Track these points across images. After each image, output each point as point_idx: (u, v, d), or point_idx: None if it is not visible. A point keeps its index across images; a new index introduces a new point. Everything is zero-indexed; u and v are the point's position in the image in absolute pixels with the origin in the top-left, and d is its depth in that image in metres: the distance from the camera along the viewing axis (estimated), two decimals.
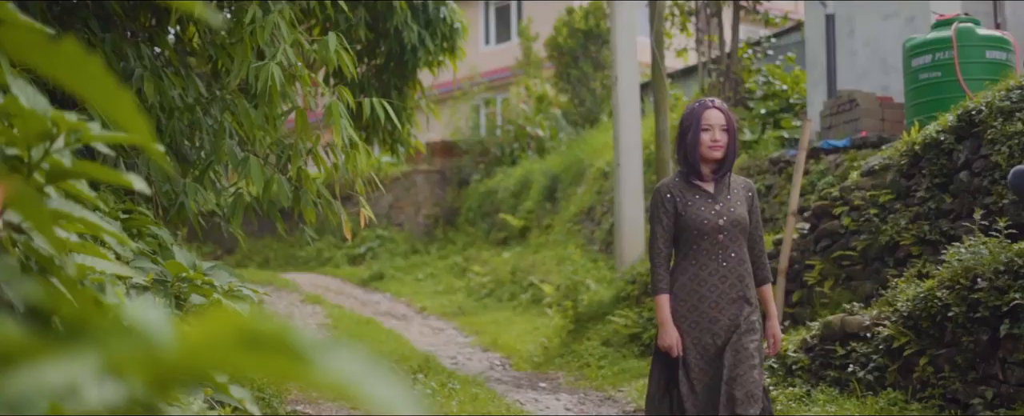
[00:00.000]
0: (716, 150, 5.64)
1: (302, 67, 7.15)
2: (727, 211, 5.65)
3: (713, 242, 5.60)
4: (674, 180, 5.78)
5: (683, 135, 5.73)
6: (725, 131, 5.66)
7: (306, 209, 7.22)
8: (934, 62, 12.28)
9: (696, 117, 5.66)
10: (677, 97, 20.74)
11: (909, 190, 10.51)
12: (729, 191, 5.73)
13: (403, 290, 21.28)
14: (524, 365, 13.24)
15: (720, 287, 5.61)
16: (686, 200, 5.64)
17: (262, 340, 0.87)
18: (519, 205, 23.84)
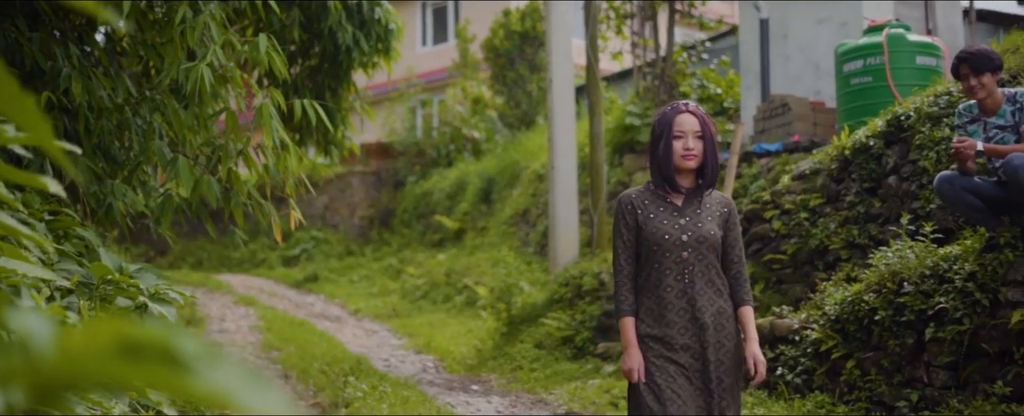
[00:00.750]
0: (689, 159, 5.05)
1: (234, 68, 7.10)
2: (693, 226, 5.05)
3: (676, 260, 5.02)
4: (640, 190, 5.24)
5: (655, 143, 5.15)
6: (699, 138, 5.08)
7: (236, 211, 7.16)
8: (865, 67, 12.40)
9: (667, 123, 5.11)
10: (612, 100, 20.81)
11: (839, 194, 10.61)
12: (700, 206, 5.13)
13: (337, 292, 21.20)
14: (457, 367, 13.23)
15: (688, 310, 5.02)
16: (648, 212, 5.11)
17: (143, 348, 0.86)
18: (454, 207, 23.83)
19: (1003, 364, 7.46)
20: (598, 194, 15.21)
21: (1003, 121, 7.53)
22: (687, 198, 5.14)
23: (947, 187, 7.58)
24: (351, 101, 10.95)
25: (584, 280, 13.70)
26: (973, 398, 7.50)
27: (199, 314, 16.22)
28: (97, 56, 7.38)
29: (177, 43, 6.58)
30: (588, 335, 13.03)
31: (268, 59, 6.79)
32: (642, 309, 5.09)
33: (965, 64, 7.56)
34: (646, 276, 5.10)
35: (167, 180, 7.20)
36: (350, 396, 9.92)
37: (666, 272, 5.03)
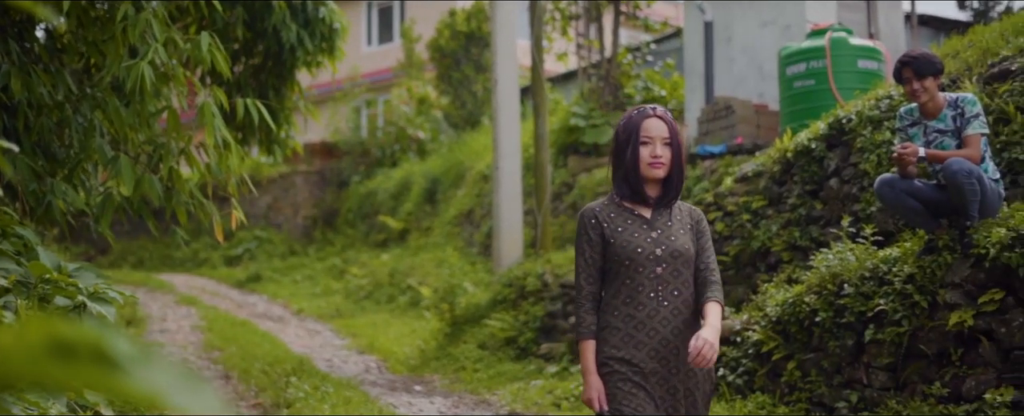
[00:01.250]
0: (657, 167, 4.67)
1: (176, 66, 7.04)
2: (666, 239, 4.67)
3: (650, 276, 4.62)
4: (603, 204, 4.83)
5: (620, 151, 4.76)
6: (667, 144, 4.70)
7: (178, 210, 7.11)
8: (808, 70, 12.49)
9: (633, 128, 4.71)
10: (557, 101, 20.86)
11: (781, 196, 10.69)
12: (670, 218, 4.76)
13: (280, 292, 21.09)
14: (400, 368, 13.21)
15: (661, 332, 4.61)
16: (615, 226, 4.71)
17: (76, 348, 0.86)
18: (399, 207, 23.79)
19: (941, 365, 7.54)
20: (542, 195, 15.23)
21: (943, 125, 7.62)
22: (656, 210, 4.76)
23: (887, 190, 7.66)
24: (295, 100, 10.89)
25: (528, 281, 13.72)
26: (911, 399, 7.58)
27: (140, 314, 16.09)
28: (37, 52, 7.29)
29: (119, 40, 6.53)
30: (531, 336, 13.05)
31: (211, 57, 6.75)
32: (608, 330, 4.65)
33: (908, 68, 7.63)
34: (614, 293, 4.67)
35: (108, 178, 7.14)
36: (292, 396, 9.87)
37: (639, 289, 4.62)
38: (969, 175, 7.22)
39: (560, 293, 13.15)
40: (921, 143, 7.71)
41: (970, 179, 7.23)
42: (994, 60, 9.15)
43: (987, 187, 7.35)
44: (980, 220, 7.44)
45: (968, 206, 7.31)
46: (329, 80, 13.07)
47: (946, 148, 7.58)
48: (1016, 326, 6.98)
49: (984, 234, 7.27)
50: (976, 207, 7.35)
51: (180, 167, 7.23)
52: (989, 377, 7.11)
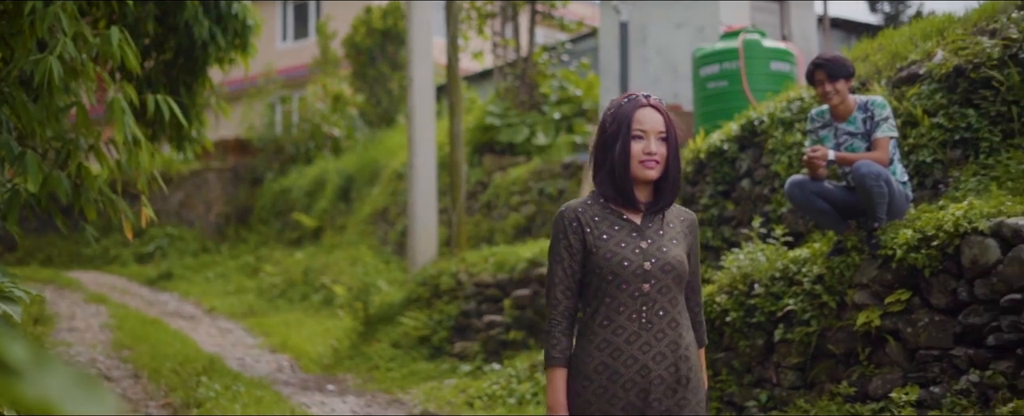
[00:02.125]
0: (650, 167, 3.96)
1: (86, 61, 6.94)
2: (657, 251, 3.97)
3: (635, 294, 3.92)
4: (586, 204, 4.08)
5: (606, 144, 4.06)
6: (663, 140, 4.00)
7: (87, 207, 7.00)
8: (721, 72, 12.58)
9: (624, 119, 4.00)
10: (473, 100, 20.86)
11: (694, 197, 10.77)
12: (663, 225, 4.06)
13: (192, 290, 20.86)
14: (313, 367, 13.13)
15: (640, 360, 3.92)
16: (600, 231, 4.00)
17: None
18: (313, 205, 23.65)
19: (848, 365, 7.64)
20: (457, 194, 15.22)
21: (854, 127, 7.72)
22: (646, 215, 4.05)
23: (797, 191, 7.75)
24: (207, 97, 10.78)
25: (442, 280, 13.70)
26: (819, 398, 7.67)
27: (48, 312, 15.82)
28: None
29: (26, 34, 6.41)
30: (445, 335, 13.04)
31: (121, 52, 6.65)
32: (584, 356, 3.95)
33: (821, 70, 7.73)
34: (592, 313, 3.98)
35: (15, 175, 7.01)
36: (202, 396, 9.77)
37: (619, 309, 3.92)
38: (877, 178, 7.33)
39: (474, 292, 13.15)
40: (831, 145, 7.82)
41: (878, 182, 7.35)
42: (903, 64, 9.29)
43: (895, 190, 7.47)
44: (888, 222, 7.56)
45: (876, 208, 7.42)
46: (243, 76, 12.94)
47: (856, 150, 7.69)
48: (922, 326, 7.09)
49: (891, 235, 7.38)
50: (884, 209, 7.46)
51: (89, 163, 7.12)
52: (895, 376, 7.22)
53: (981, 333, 6.75)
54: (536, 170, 16.41)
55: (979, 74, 8.36)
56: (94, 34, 6.97)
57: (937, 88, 8.63)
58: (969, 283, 6.91)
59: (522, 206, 16.21)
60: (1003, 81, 8.21)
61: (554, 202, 15.45)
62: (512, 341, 12.14)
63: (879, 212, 7.45)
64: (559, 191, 15.45)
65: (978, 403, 6.55)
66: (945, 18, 9.86)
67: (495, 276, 13.09)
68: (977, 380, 6.62)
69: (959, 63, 8.57)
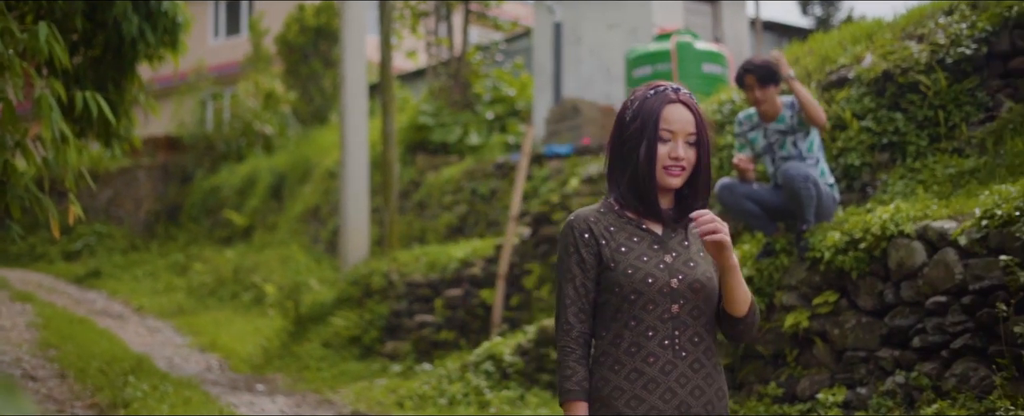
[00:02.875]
0: (674, 174, 3.38)
1: (12, 56, 6.84)
2: (683, 267, 3.39)
3: (664, 316, 3.34)
4: (599, 211, 3.51)
5: (626, 143, 3.45)
6: (692, 143, 3.41)
7: (13, 204, 6.91)
8: (654, 73, 12.65)
9: (650, 117, 3.39)
10: (406, 99, 20.81)
11: None
12: (687, 236, 3.47)
13: (120, 288, 20.62)
14: (242, 367, 13.03)
15: (678, 394, 3.34)
16: (618, 244, 3.42)
17: None
18: (244, 203, 23.46)
19: (776, 366, 7.71)
20: (390, 193, 15.17)
21: (783, 126, 7.81)
22: (667, 225, 3.47)
23: (727, 194, 7.81)
24: (135, 94, 10.66)
25: (374, 279, 13.66)
26: (747, 399, 7.73)
27: None
28: None
29: None
30: (376, 335, 12.99)
31: (49, 48, 6.57)
32: (608, 389, 3.36)
33: (751, 75, 7.79)
34: (614, 340, 3.39)
35: None
36: (130, 396, 9.65)
37: (648, 334, 3.34)
38: (805, 180, 7.42)
39: (406, 292, 13.11)
40: (763, 144, 7.90)
41: (806, 184, 7.43)
42: (832, 68, 9.38)
43: (822, 191, 7.56)
44: (816, 223, 7.63)
45: (804, 210, 7.50)
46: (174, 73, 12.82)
47: (786, 147, 7.79)
48: (849, 328, 7.17)
49: (819, 238, 7.45)
50: (812, 211, 7.54)
51: (16, 160, 7.02)
52: (822, 377, 7.29)
53: (907, 335, 6.83)
54: (469, 170, 16.40)
55: (907, 78, 8.46)
56: (21, 29, 6.88)
57: (866, 92, 8.73)
58: (895, 285, 6.99)
59: (455, 206, 16.20)
60: (930, 86, 8.32)
61: (486, 202, 15.44)
62: (443, 341, 12.12)
63: (807, 214, 7.53)
64: (492, 191, 15.45)
65: (903, 404, 6.63)
66: (874, 23, 9.98)
67: (427, 276, 13.07)
68: (902, 381, 6.70)
69: (887, 67, 8.67)
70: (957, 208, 6.97)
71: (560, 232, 3.52)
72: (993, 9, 8.31)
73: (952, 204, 7.09)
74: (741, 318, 3.44)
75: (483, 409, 9.56)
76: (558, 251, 3.51)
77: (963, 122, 8.18)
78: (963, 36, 8.37)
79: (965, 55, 8.23)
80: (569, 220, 3.49)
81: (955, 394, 6.27)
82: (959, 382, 6.32)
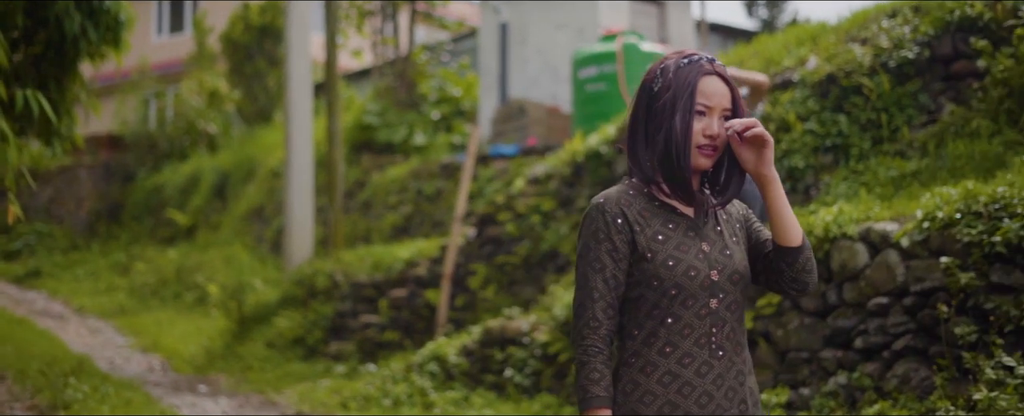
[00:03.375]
0: (707, 153, 3.08)
1: None
2: (721, 256, 3.11)
3: (702, 313, 3.04)
4: (628, 194, 3.12)
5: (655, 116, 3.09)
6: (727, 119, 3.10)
7: None
8: (600, 74, 12.69)
9: (685, 88, 3.05)
10: (351, 99, 20.73)
11: (571, 199, 10.82)
12: (718, 222, 3.18)
13: (61, 288, 20.40)
14: (185, 367, 12.93)
15: (715, 397, 3.05)
16: (654, 231, 3.07)
17: None
18: (187, 202, 23.27)
19: None
20: (334, 192, 15.10)
21: None
22: (698, 208, 3.16)
23: None
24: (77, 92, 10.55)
25: (318, 279, 13.60)
26: None
27: None
28: None
29: None
30: (320, 335, 12.93)
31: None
32: (639, 393, 3.03)
33: None
34: (646, 338, 3.05)
35: None
36: (70, 398, 9.55)
37: (684, 332, 3.03)
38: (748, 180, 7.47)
39: (350, 292, 13.06)
40: None
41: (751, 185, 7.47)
42: (777, 70, 9.44)
43: None
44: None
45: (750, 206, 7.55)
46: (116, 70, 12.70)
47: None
48: (792, 329, 7.21)
49: None
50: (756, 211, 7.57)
51: None
52: (766, 378, 7.32)
53: (849, 336, 6.88)
54: (414, 170, 16.36)
55: (850, 81, 8.53)
56: None
57: (810, 94, 8.80)
58: (838, 287, 7.03)
59: (400, 206, 16.15)
60: (873, 89, 8.39)
61: (432, 202, 15.41)
62: (388, 342, 12.08)
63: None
64: (437, 191, 15.42)
65: (845, 404, 6.68)
66: (819, 26, 10.06)
67: (372, 276, 13.02)
68: (845, 382, 6.74)
69: (831, 70, 8.74)
70: (899, 210, 7.02)
71: (585, 216, 3.12)
72: (935, 13, 8.39)
73: (894, 206, 7.15)
74: (799, 247, 3.12)
75: (428, 410, 9.53)
76: (583, 237, 3.10)
77: (905, 125, 8.26)
78: (906, 40, 8.45)
79: (908, 58, 8.31)
80: (598, 203, 3.10)
81: (896, 394, 6.32)
82: (900, 383, 6.37)
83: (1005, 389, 5.42)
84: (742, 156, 3.07)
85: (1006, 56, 7.52)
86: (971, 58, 8.03)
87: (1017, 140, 7.27)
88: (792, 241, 3.11)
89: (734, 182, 3.17)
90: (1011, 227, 5.78)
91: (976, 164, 7.25)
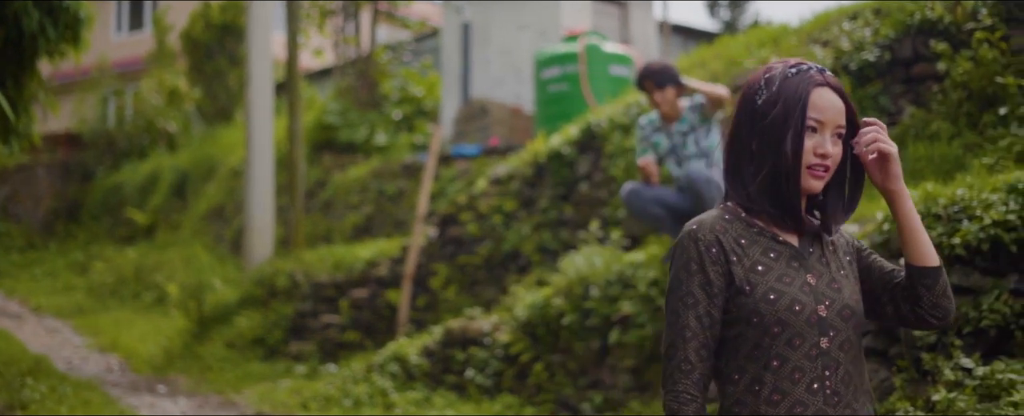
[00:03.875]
0: (818, 175, 2.73)
1: None
2: (829, 289, 2.74)
3: (812, 354, 2.67)
4: (723, 220, 2.83)
5: (766, 133, 2.75)
6: (840, 136, 2.76)
7: None
8: (562, 75, 12.70)
9: (796, 101, 2.71)
10: (313, 98, 20.66)
11: (533, 199, 10.82)
12: (823, 251, 2.81)
13: (18, 287, 20.22)
14: (144, 368, 12.84)
15: None
16: (753, 260, 2.75)
17: None
18: (147, 201, 23.12)
19: None
20: (295, 192, 15.04)
21: (686, 126, 7.95)
22: (803, 236, 2.81)
23: (635, 199, 7.87)
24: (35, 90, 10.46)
25: (278, 279, 13.54)
26: (653, 400, 7.77)
27: None
28: None
29: None
30: (281, 335, 12.88)
31: None
32: None
33: (649, 80, 7.93)
34: (750, 384, 2.70)
35: None
36: (27, 398, 9.46)
37: (794, 377, 2.66)
38: (708, 182, 7.54)
39: (311, 292, 13.00)
40: (667, 146, 7.99)
41: (709, 185, 7.54)
42: (739, 71, 9.47)
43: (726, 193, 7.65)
44: None
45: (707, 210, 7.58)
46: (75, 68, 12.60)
47: (689, 147, 7.92)
48: None
49: None
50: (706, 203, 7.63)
51: None
52: None
53: None
54: (376, 170, 16.31)
55: None
56: None
57: None
58: None
59: (361, 206, 16.11)
60: None
61: (393, 202, 15.37)
62: (349, 342, 12.04)
63: None
64: (399, 191, 15.39)
65: None
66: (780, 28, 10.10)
67: (332, 276, 12.98)
68: None
69: None
70: (859, 212, 7.05)
71: (677, 244, 2.81)
72: (896, 16, 8.43)
73: None
74: (938, 267, 2.78)
75: (388, 410, 9.51)
76: (674, 268, 2.77)
77: None
78: (867, 42, 8.49)
79: (868, 61, 8.35)
80: (690, 229, 2.79)
81: None
82: None
83: (964, 390, 5.45)
84: (869, 171, 2.75)
85: (965, 59, 7.56)
86: (931, 61, 8.07)
87: (976, 143, 7.32)
88: (931, 260, 2.77)
89: (843, 207, 2.83)
90: (970, 229, 5.82)
91: (936, 166, 7.29)
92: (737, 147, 2.82)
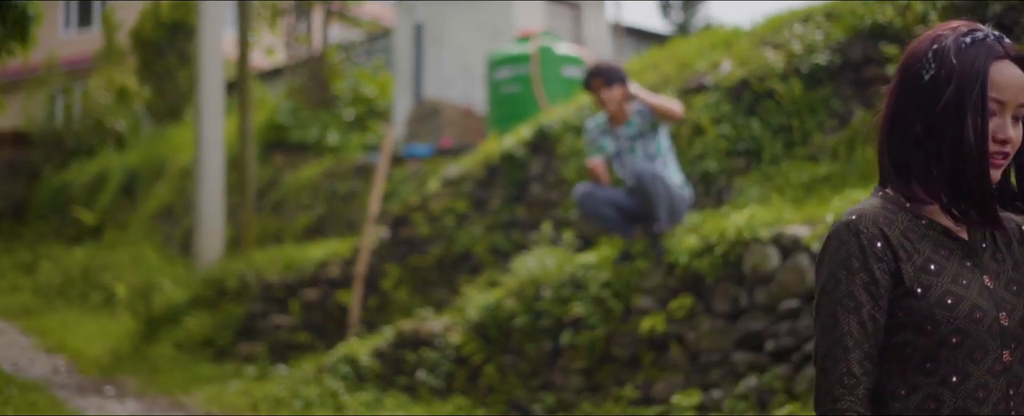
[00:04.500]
0: (997, 162, 2.25)
1: None
2: (1007, 292, 2.29)
3: (996, 369, 2.24)
4: (887, 210, 2.31)
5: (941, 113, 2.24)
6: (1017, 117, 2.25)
7: None
8: (515, 76, 12.68)
9: (974, 76, 2.21)
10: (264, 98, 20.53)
11: (485, 200, 10.81)
12: (998, 247, 2.34)
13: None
14: (91, 369, 12.70)
15: None
16: (923, 257, 2.27)
17: None
18: (95, 200, 22.90)
19: (633, 369, 7.76)
20: (246, 192, 14.95)
21: (632, 130, 7.96)
22: (972, 230, 2.32)
23: (588, 200, 7.89)
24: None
25: (228, 280, 13.44)
26: (604, 401, 7.78)
27: None
28: None
29: None
30: (230, 336, 12.78)
31: None
32: None
33: (597, 78, 7.97)
34: (923, 402, 2.25)
35: None
36: None
37: (977, 396, 2.23)
38: (653, 178, 7.59)
39: (261, 293, 12.92)
40: (613, 149, 8.02)
41: (654, 182, 7.59)
42: (691, 74, 9.50)
43: (673, 191, 7.70)
44: (669, 225, 7.73)
45: (655, 208, 7.63)
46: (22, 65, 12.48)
47: (636, 151, 7.94)
48: (704, 331, 7.25)
49: (676, 243, 7.53)
50: (663, 210, 7.65)
51: None
52: (678, 380, 7.36)
53: (760, 338, 6.93)
54: (328, 170, 16.23)
55: (763, 86, 8.60)
56: None
57: (723, 98, 8.86)
58: (750, 290, 7.09)
59: (313, 206, 16.03)
60: (786, 94, 8.46)
61: (345, 203, 15.30)
62: (299, 343, 11.97)
63: (658, 212, 7.65)
64: (351, 191, 15.32)
65: (757, 406, 6.72)
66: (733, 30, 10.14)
67: (283, 277, 12.90)
68: (755, 384, 6.79)
69: (744, 75, 8.81)
70: (810, 214, 7.09)
71: (830, 237, 2.31)
72: (847, 19, 8.48)
73: (805, 210, 7.21)
74: None
75: (339, 411, 9.46)
76: (828, 264, 2.30)
77: (817, 129, 8.35)
78: (818, 45, 8.54)
79: (820, 64, 8.40)
80: (848, 220, 2.29)
81: (807, 396, 6.37)
82: (811, 385, 6.42)
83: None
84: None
85: None
86: (881, 64, 8.13)
87: None
88: None
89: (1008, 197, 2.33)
90: None
91: None
92: (899, 131, 2.34)
